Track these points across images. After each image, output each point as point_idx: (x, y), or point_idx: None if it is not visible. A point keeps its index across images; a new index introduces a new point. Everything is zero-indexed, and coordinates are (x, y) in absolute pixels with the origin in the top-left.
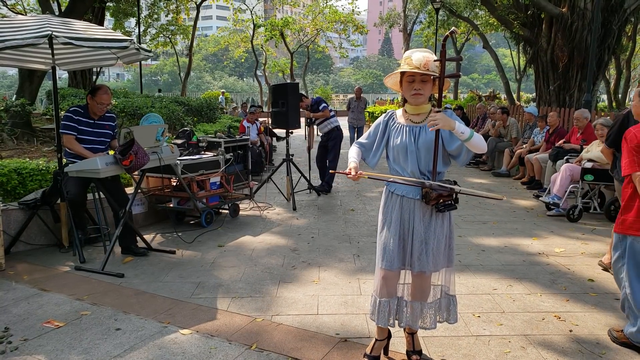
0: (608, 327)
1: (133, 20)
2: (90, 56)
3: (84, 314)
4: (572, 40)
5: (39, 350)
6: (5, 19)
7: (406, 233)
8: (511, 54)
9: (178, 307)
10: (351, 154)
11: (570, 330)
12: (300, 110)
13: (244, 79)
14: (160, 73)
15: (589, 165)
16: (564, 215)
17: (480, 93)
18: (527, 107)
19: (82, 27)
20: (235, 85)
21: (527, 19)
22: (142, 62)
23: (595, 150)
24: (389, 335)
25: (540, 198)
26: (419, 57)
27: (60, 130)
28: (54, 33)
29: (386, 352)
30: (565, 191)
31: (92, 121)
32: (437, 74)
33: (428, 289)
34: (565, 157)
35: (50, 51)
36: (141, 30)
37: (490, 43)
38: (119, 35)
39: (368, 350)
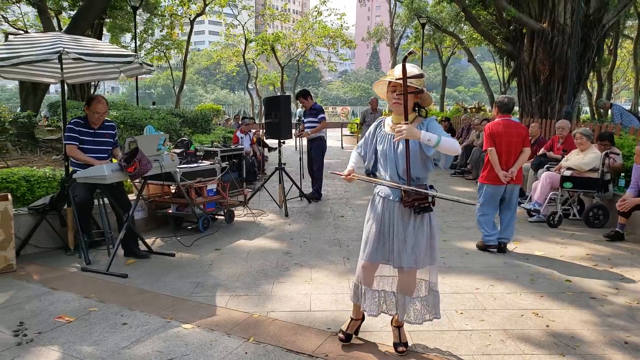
0: (583, 323)
1: (128, 36)
2: (96, 70)
3: (92, 310)
4: (553, 54)
5: (53, 342)
6: (19, 36)
7: (386, 231)
8: (495, 67)
9: (179, 304)
10: (351, 158)
11: (547, 326)
12: (304, 107)
13: (236, 92)
14: (154, 86)
15: (567, 173)
16: (544, 222)
17: (466, 105)
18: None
19: (90, 44)
20: (227, 98)
21: (509, 34)
22: (138, 76)
23: (574, 159)
24: (363, 318)
25: (521, 205)
26: (399, 71)
27: (64, 141)
28: (65, 49)
29: (357, 333)
30: (546, 198)
31: (92, 131)
32: (416, 87)
33: (412, 285)
34: (546, 166)
35: (59, 66)
36: (137, 45)
37: (476, 57)
38: (124, 50)
39: (344, 327)
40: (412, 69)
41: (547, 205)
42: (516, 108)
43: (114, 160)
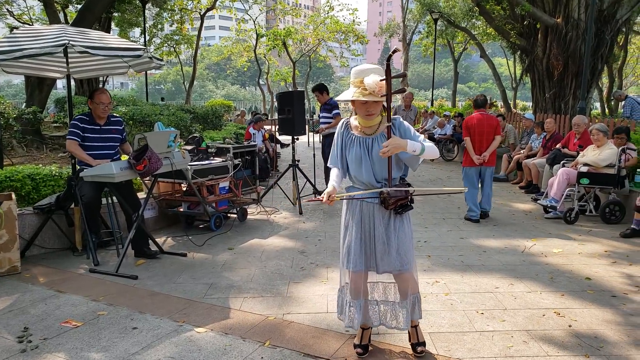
0: (605, 323)
1: (137, 30)
2: (104, 65)
3: (100, 314)
4: (567, 49)
5: (59, 349)
6: (22, 28)
7: (367, 236)
8: (507, 62)
9: (192, 307)
10: (331, 177)
11: (570, 326)
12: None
13: (247, 88)
14: (163, 82)
15: (584, 169)
16: (561, 218)
17: None
18: (524, 114)
19: (97, 37)
20: (237, 94)
21: (523, 29)
22: (147, 71)
23: (590, 155)
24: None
25: (538, 201)
26: (371, 84)
27: (67, 137)
28: (70, 42)
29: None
30: (562, 194)
31: (99, 127)
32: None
33: (414, 286)
34: (562, 162)
35: (65, 60)
36: (146, 39)
37: (487, 52)
38: (132, 44)
39: (357, 341)
40: (377, 76)
41: (564, 202)
42: (529, 104)
43: (123, 158)
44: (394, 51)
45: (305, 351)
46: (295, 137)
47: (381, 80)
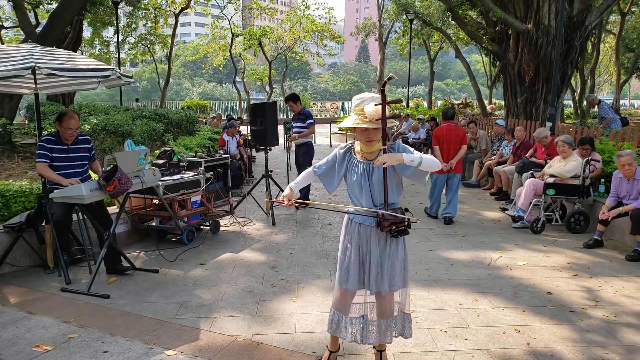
0: (562, 340)
1: (111, 29)
2: (73, 81)
3: (71, 337)
4: (538, 55)
5: None
6: None
7: (364, 257)
8: (482, 59)
9: (163, 327)
10: (299, 178)
11: (528, 344)
12: (293, 111)
13: (223, 85)
14: (139, 80)
15: (550, 180)
16: (528, 228)
17: (454, 101)
18: (497, 119)
19: (64, 57)
20: (214, 92)
21: (495, 34)
22: (121, 69)
23: (556, 166)
24: (338, 349)
25: (506, 211)
26: (371, 112)
27: (36, 160)
28: (37, 65)
29: None
30: (529, 205)
31: (66, 146)
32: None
33: (390, 309)
34: (530, 172)
35: (33, 78)
36: (119, 39)
37: (463, 49)
38: (101, 64)
39: None
40: (378, 106)
41: (531, 211)
42: (501, 112)
43: (94, 176)
44: (389, 78)
45: None
46: (268, 148)
47: (376, 104)
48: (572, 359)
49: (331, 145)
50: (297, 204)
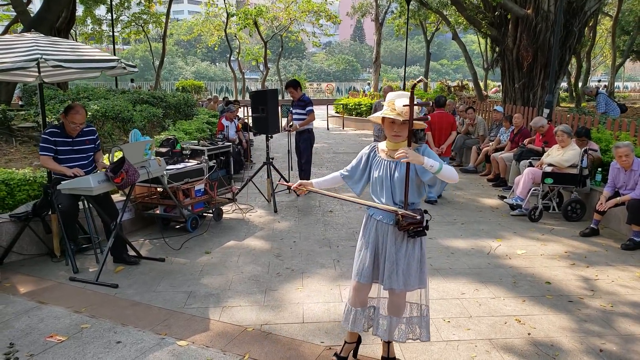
0: (561, 330)
1: (103, 8)
2: (75, 70)
3: (84, 327)
4: (536, 40)
5: None
6: None
7: (380, 253)
8: (478, 40)
9: (173, 317)
10: (324, 178)
11: (529, 334)
12: (292, 98)
13: (217, 64)
14: (131, 59)
15: (548, 169)
16: (526, 215)
17: (450, 82)
18: (495, 105)
19: (69, 48)
20: (207, 71)
21: (494, 19)
22: (115, 47)
23: (554, 155)
24: (359, 340)
25: (504, 200)
26: (400, 107)
27: (39, 152)
28: (43, 56)
29: (355, 355)
30: (528, 193)
31: (71, 139)
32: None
33: (402, 306)
34: (528, 161)
35: (37, 68)
36: (113, 17)
37: (459, 29)
38: (106, 54)
39: (338, 351)
40: (407, 100)
41: (529, 199)
42: (500, 95)
43: (104, 160)
44: (419, 80)
45: None
46: (270, 136)
47: (404, 105)
48: (571, 349)
49: (328, 129)
50: (296, 190)
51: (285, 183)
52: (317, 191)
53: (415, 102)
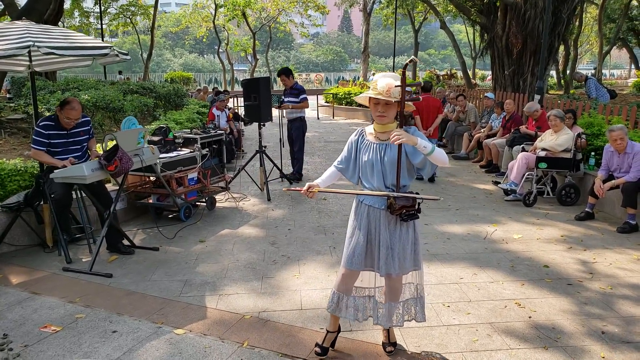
0: (562, 313)
1: (91, 0)
2: (67, 58)
3: (78, 317)
4: (526, 28)
5: (41, 357)
6: None
7: (373, 239)
8: (466, 29)
9: (169, 306)
10: (324, 174)
11: (530, 317)
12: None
13: (205, 56)
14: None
15: (542, 154)
16: (520, 200)
17: (438, 71)
18: (482, 88)
19: (61, 35)
20: (195, 63)
21: (483, 6)
22: (103, 40)
23: (548, 140)
24: (339, 330)
25: (498, 185)
26: (383, 85)
27: (31, 145)
28: (35, 43)
29: (333, 345)
30: (522, 178)
31: (65, 132)
32: (399, 99)
33: (398, 290)
34: (522, 146)
35: (28, 57)
36: (101, 9)
37: (446, 18)
38: (98, 42)
39: (320, 341)
40: (391, 80)
41: (523, 184)
42: (488, 72)
43: (96, 148)
44: (410, 61)
45: (283, 351)
46: (262, 124)
47: (396, 86)
48: (573, 331)
49: (318, 118)
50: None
51: (293, 189)
52: (325, 190)
53: (407, 84)
